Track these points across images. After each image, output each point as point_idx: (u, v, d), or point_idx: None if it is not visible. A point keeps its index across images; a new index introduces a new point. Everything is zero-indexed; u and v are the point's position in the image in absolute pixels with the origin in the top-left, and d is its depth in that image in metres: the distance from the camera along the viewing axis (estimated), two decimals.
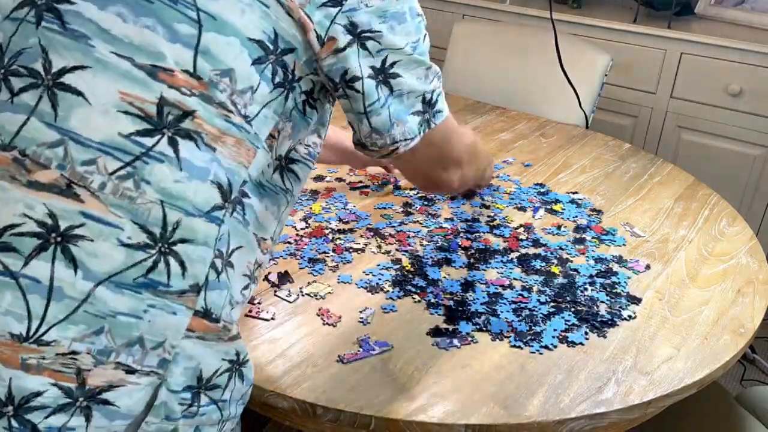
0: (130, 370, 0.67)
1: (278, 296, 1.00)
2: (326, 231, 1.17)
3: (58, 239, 0.64)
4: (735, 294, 1.06)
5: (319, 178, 1.37)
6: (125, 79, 0.65)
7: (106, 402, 0.67)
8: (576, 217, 1.26)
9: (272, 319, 0.95)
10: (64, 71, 0.65)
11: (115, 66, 0.65)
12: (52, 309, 0.64)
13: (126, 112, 0.65)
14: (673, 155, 2.28)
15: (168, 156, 0.66)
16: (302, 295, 1.00)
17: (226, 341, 0.74)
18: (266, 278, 1.03)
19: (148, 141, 0.66)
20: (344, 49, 0.73)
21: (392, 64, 0.77)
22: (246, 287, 0.77)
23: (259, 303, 0.98)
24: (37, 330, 0.64)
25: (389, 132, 0.79)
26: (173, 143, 0.67)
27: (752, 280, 1.09)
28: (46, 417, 0.65)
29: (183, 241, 0.68)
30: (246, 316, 0.95)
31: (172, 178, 0.67)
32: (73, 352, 0.65)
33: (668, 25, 2.19)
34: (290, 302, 0.99)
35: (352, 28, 0.73)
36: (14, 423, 0.64)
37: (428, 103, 0.82)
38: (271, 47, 0.71)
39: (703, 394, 0.94)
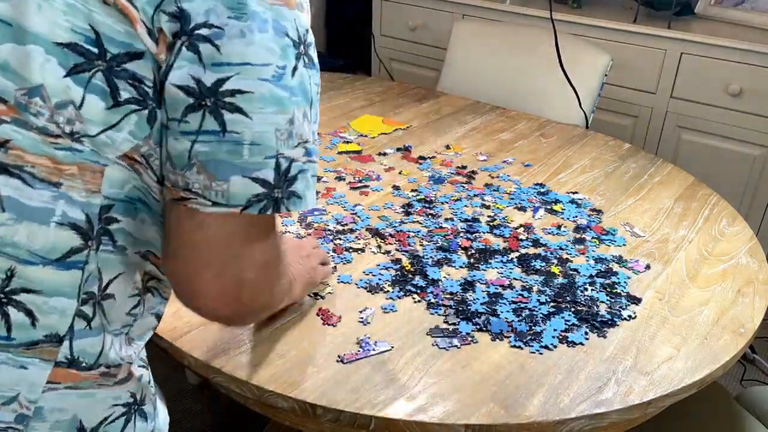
0: None
1: None
2: (326, 232, 1.17)
3: None
4: (735, 294, 1.06)
5: (317, 179, 1.37)
6: None
7: None
8: (576, 217, 1.26)
9: (272, 319, 0.95)
10: None
11: None
12: None
13: None
14: (673, 155, 2.28)
15: None
16: (310, 295, 1.00)
17: (112, 386, 0.65)
18: None
19: None
20: (176, 45, 0.56)
21: (234, 92, 0.56)
22: (135, 306, 0.67)
23: None
24: None
25: (183, 171, 0.58)
26: None
27: (752, 280, 1.09)
28: None
29: (26, 290, 0.58)
30: None
31: None
32: None
33: (668, 25, 2.19)
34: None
35: (180, 17, 0.55)
36: None
37: (283, 175, 0.59)
38: (95, 51, 0.55)
39: (703, 394, 0.94)
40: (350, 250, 1.12)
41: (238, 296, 0.63)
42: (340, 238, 1.15)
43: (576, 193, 1.36)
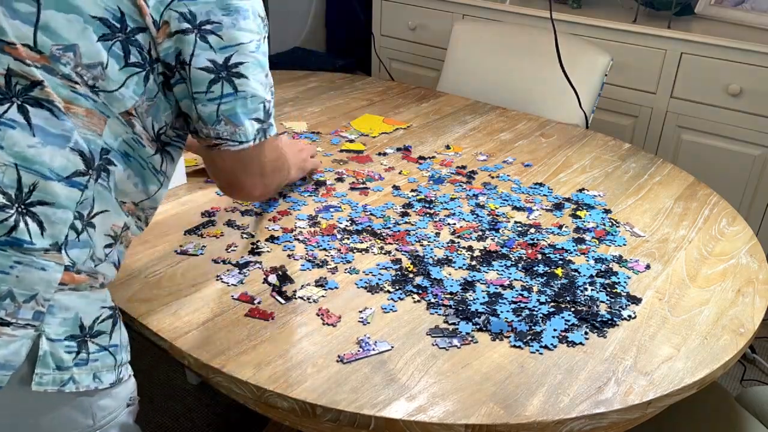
0: (4, 323, 0.72)
1: (278, 297, 1.00)
2: (335, 230, 1.17)
3: None
4: (735, 294, 1.06)
5: (323, 184, 1.37)
6: None
7: None
8: (598, 225, 1.26)
9: (272, 319, 0.95)
10: None
11: None
12: None
13: None
14: (673, 155, 2.28)
15: (19, 123, 0.71)
16: (303, 297, 1.00)
17: (99, 288, 0.82)
18: (266, 280, 1.04)
19: None
20: (176, 33, 0.77)
21: (237, 64, 0.81)
22: (109, 246, 0.83)
23: (258, 303, 0.98)
24: None
25: (213, 126, 0.83)
26: (23, 111, 0.71)
27: (752, 280, 1.09)
28: None
29: (42, 203, 0.73)
30: (246, 316, 0.96)
31: (26, 143, 0.72)
32: None
33: (668, 25, 2.19)
34: (290, 303, 0.99)
35: (190, 17, 0.77)
36: None
37: (267, 113, 0.86)
38: (118, 26, 0.75)
39: (703, 394, 0.95)
40: (354, 251, 1.12)
41: (264, 186, 0.95)
42: (347, 238, 1.15)
43: (584, 190, 1.36)
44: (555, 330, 0.95)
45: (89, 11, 0.73)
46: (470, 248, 1.14)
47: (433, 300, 1.00)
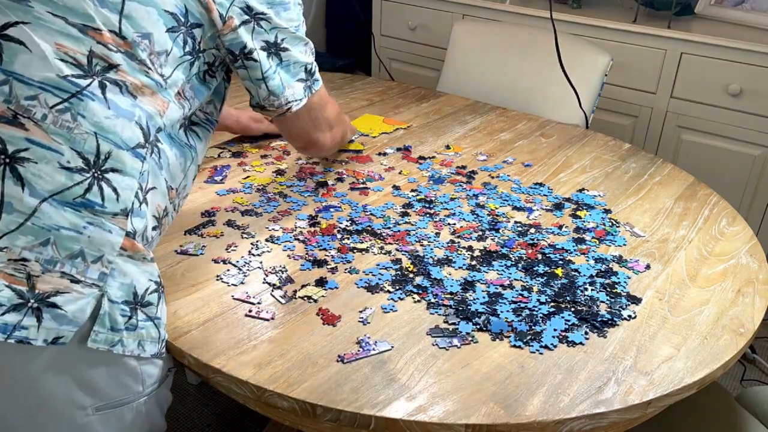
0: (75, 280, 0.78)
1: (278, 297, 1.00)
2: (335, 230, 1.17)
3: (7, 161, 0.75)
4: (735, 294, 1.06)
5: (323, 185, 1.37)
6: (60, 34, 0.78)
7: (54, 305, 0.77)
8: (598, 225, 1.26)
9: (272, 319, 0.95)
10: (7, 26, 0.76)
11: (51, 23, 0.78)
12: (3, 220, 0.75)
13: (62, 60, 0.78)
14: (673, 155, 2.28)
15: (98, 96, 0.80)
16: (303, 297, 1.00)
17: (150, 261, 0.87)
18: (265, 280, 1.04)
19: (82, 82, 0.79)
20: (241, 25, 0.94)
21: (282, 40, 0.99)
22: (154, 228, 0.90)
23: (258, 303, 0.98)
24: None
25: (283, 93, 1.02)
26: (102, 87, 0.80)
27: (752, 280, 1.09)
28: (2, 314, 0.75)
29: (114, 170, 0.80)
30: (246, 316, 0.96)
31: (103, 114, 0.80)
32: (24, 259, 0.76)
33: (668, 25, 2.19)
34: (290, 303, 0.99)
35: (248, 10, 0.94)
36: None
37: (309, 72, 1.05)
38: (183, 20, 0.88)
39: (703, 394, 0.95)
40: (354, 251, 1.12)
41: (333, 138, 1.21)
42: (347, 238, 1.15)
43: (585, 191, 1.36)
44: (555, 330, 0.95)
45: (163, 6, 0.85)
46: (470, 248, 1.14)
47: (433, 300, 1.00)
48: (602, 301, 1.02)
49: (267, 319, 0.95)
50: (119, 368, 0.85)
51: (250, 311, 0.96)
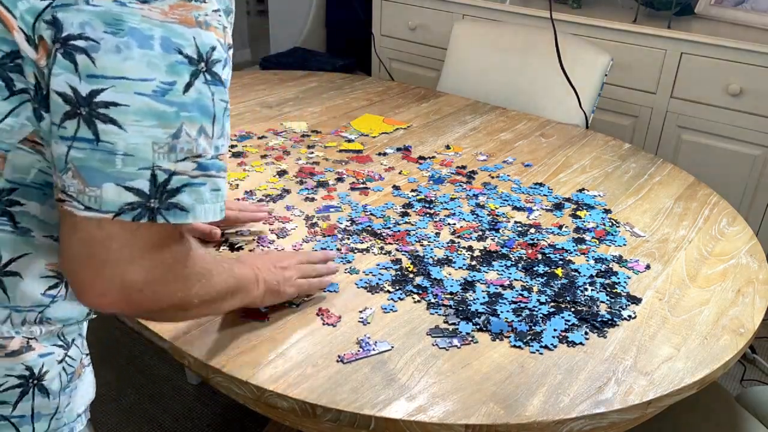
0: None
1: None
2: (335, 230, 1.17)
3: None
4: (735, 294, 1.06)
5: (324, 185, 1.37)
6: None
7: None
8: (598, 225, 1.26)
9: (267, 320, 0.95)
10: None
11: None
12: None
13: None
14: (673, 155, 2.28)
15: None
16: (303, 297, 1.00)
17: (4, 357, 0.68)
18: None
19: None
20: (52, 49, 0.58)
21: (107, 104, 0.58)
22: (52, 287, 0.70)
23: None
24: None
25: (60, 174, 0.61)
26: None
27: (752, 280, 1.09)
28: None
29: None
30: (246, 316, 0.95)
31: None
32: None
33: (668, 25, 2.19)
34: (290, 302, 0.99)
35: (54, 27, 0.57)
36: None
37: (160, 187, 0.61)
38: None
39: (703, 394, 0.95)
40: (355, 251, 1.12)
41: (125, 296, 0.64)
42: (348, 238, 1.15)
43: (586, 191, 1.36)
44: (555, 330, 0.95)
45: None
46: (470, 248, 1.14)
47: (433, 300, 1.00)
48: (602, 301, 1.02)
49: (267, 319, 0.95)
50: None
51: (250, 311, 0.96)
